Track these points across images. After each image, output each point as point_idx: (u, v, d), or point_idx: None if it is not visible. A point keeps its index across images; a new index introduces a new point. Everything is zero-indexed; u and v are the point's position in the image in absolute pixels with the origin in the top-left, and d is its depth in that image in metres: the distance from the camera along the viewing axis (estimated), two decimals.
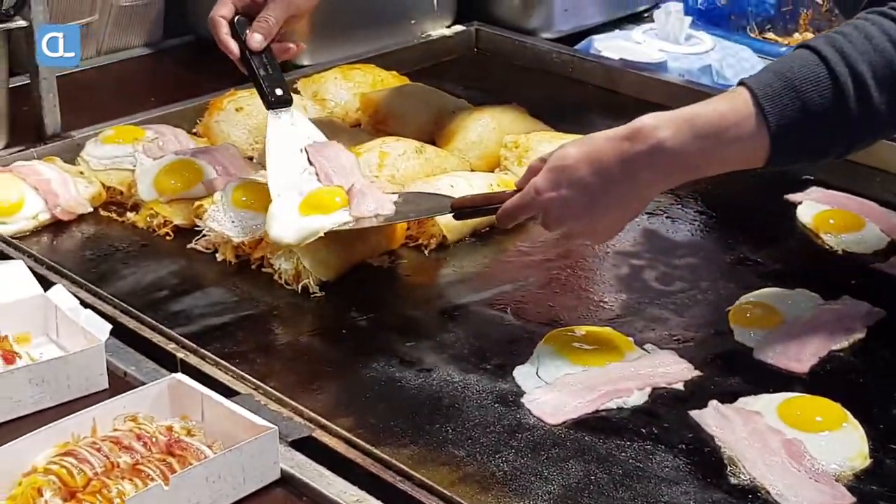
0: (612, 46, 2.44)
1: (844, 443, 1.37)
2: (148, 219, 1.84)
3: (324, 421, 1.41)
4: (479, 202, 1.62)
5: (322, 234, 1.63)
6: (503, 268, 1.78)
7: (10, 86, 2.02)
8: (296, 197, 1.70)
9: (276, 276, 1.69)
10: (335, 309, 1.67)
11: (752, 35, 2.32)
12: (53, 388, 1.42)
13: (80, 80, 2.37)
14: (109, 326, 1.47)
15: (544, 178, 1.46)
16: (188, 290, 1.71)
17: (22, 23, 1.90)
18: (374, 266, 1.76)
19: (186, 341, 1.54)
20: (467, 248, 1.81)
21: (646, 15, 2.58)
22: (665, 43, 2.40)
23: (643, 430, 1.40)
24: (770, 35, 2.35)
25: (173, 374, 1.43)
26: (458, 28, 2.61)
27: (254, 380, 1.48)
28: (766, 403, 1.43)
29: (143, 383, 1.44)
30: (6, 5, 1.86)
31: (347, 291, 1.70)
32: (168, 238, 1.82)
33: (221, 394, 1.40)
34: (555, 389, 1.46)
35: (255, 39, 1.78)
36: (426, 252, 1.79)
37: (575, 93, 2.39)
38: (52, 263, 1.68)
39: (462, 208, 1.63)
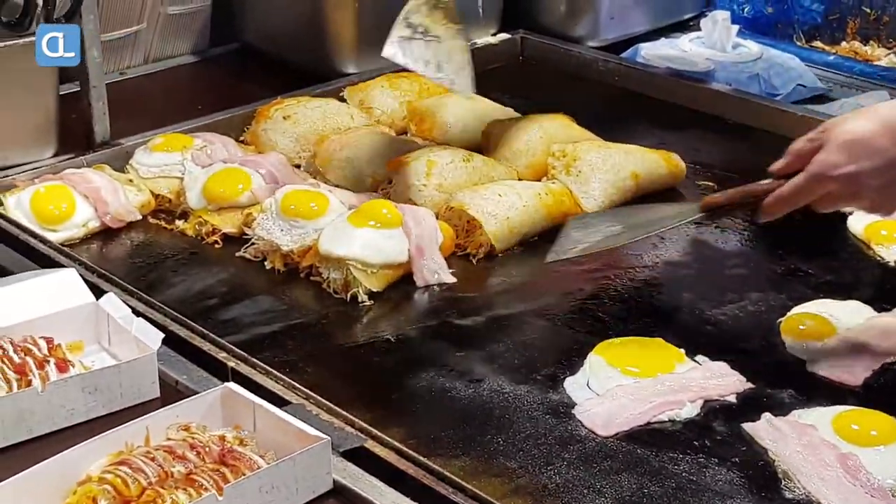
0: (658, 55, 2.43)
1: None
2: (197, 227, 1.85)
3: (375, 431, 1.41)
4: (734, 198, 1.58)
5: None
6: (551, 277, 1.77)
7: (60, 93, 2.01)
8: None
9: (324, 285, 1.70)
10: (384, 318, 1.67)
11: (798, 44, 2.30)
12: (106, 396, 1.43)
13: (129, 87, 2.39)
14: (161, 335, 1.48)
15: (836, 154, 1.43)
16: (237, 299, 1.71)
17: None
18: None
19: (237, 350, 1.54)
20: (515, 257, 1.81)
21: (692, 23, 2.57)
22: (712, 51, 2.39)
23: (696, 443, 1.39)
24: (817, 43, 2.33)
25: (225, 384, 1.43)
26: (504, 36, 2.61)
27: (305, 389, 1.48)
28: (820, 416, 1.42)
29: (195, 392, 1.44)
30: (58, 13, 1.87)
31: (396, 301, 1.70)
32: (217, 246, 1.83)
33: (273, 403, 1.40)
34: (606, 401, 1.45)
35: None
36: (474, 261, 1.79)
37: (621, 101, 2.38)
38: (103, 271, 1.68)
39: (714, 207, 1.60)
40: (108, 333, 1.52)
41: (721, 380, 1.49)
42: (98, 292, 1.57)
